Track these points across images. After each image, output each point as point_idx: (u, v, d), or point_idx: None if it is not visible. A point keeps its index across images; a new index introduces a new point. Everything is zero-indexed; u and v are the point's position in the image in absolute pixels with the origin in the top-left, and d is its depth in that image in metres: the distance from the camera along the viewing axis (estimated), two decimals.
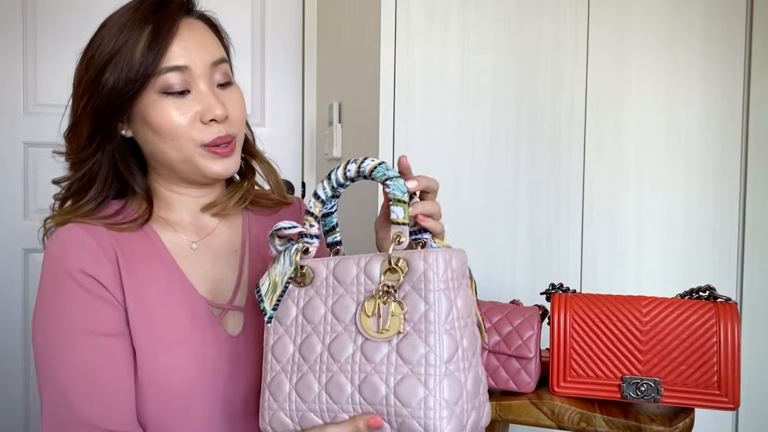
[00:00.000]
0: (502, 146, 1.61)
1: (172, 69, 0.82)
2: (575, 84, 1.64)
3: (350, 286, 0.73)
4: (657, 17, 1.67)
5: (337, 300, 0.73)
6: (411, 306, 0.70)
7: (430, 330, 0.69)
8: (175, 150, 0.85)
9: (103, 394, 0.79)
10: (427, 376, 0.69)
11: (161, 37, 0.81)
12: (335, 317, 0.73)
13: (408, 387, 0.70)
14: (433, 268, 0.69)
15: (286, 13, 2.21)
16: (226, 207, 0.92)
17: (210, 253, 0.91)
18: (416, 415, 0.69)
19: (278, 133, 2.23)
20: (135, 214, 0.89)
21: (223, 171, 0.86)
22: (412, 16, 1.52)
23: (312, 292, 0.75)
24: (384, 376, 0.70)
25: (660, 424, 0.94)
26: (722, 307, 0.97)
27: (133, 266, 0.85)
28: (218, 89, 0.86)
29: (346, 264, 0.73)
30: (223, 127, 0.85)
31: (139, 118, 0.85)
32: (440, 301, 0.69)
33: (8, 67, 2.10)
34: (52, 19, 2.08)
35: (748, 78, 1.70)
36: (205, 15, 0.90)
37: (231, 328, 0.88)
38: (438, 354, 0.69)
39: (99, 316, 0.81)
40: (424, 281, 0.69)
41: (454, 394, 0.70)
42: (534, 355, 1.00)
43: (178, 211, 0.91)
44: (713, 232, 1.71)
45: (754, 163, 1.70)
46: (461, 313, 0.72)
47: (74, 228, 0.84)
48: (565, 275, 1.65)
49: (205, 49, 0.85)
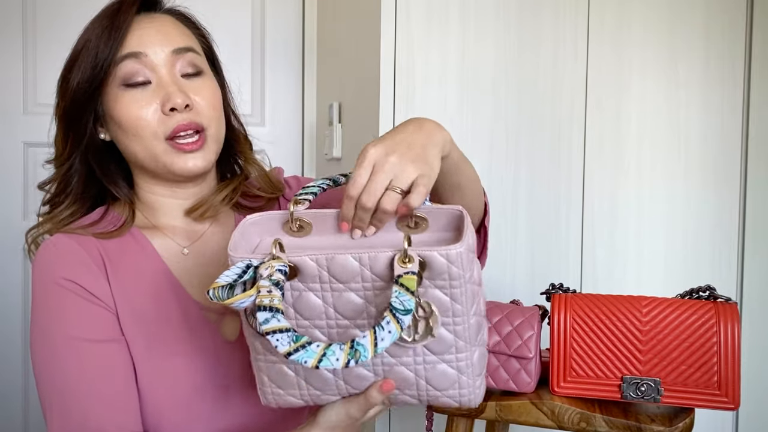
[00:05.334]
0: (502, 146, 1.61)
1: (127, 56, 0.81)
2: (575, 84, 1.64)
3: (352, 284, 0.65)
4: (657, 17, 1.67)
5: (338, 297, 0.66)
6: (434, 302, 0.64)
7: (458, 322, 0.65)
8: (140, 146, 0.82)
9: (108, 400, 0.78)
10: (458, 362, 0.66)
11: (115, 30, 0.81)
12: (340, 313, 0.66)
13: (439, 374, 0.67)
14: (457, 263, 0.62)
15: (286, 13, 2.21)
16: (212, 207, 0.88)
17: (203, 258, 0.88)
18: (450, 395, 0.68)
19: (278, 133, 2.23)
20: (119, 220, 0.86)
21: (192, 166, 0.83)
22: (412, 16, 1.52)
23: (301, 286, 0.66)
24: (412, 367, 0.67)
25: (660, 424, 0.94)
26: (722, 307, 0.97)
27: (123, 274, 0.83)
28: (183, 79, 0.83)
29: (344, 261, 0.64)
30: (187, 116, 0.81)
31: (108, 118, 0.84)
32: (466, 293, 0.64)
33: (8, 67, 2.09)
34: (52, 19, 2.08)
35: (748, 77, 1.70)
36: (173, 9, 0.88)
37: (228, 333, 0.87)
38: (467, 340, 0.66)
39: (94, 323, 0.80)
40: (449, 279, 0.63)
41: (482, 363, 0.69)
42: (534, 355, 1.00)
43: (167, 215, 0.89)
44: (713, 232, 1.71)
45: (754, 163, 1.70)
46: (479, 281, 0.67)
47: (61, 237, 0.83)
48: (565, 275, 1.65)
49: (165, 37, 0.83)
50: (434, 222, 0.70)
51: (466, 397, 0.68)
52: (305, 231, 0.72)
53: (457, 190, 0.84)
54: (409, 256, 0.61)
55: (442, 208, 0.70)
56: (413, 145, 0.68)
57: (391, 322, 0.58)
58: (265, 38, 2.20)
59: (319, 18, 2.17)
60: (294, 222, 0.71)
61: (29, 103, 2.12)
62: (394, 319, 0.58)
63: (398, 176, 0.66)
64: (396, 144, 0.68)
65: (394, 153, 0.67)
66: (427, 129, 0.72)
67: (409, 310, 0.58)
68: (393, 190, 0.66)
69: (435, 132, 0.72)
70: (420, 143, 0.69)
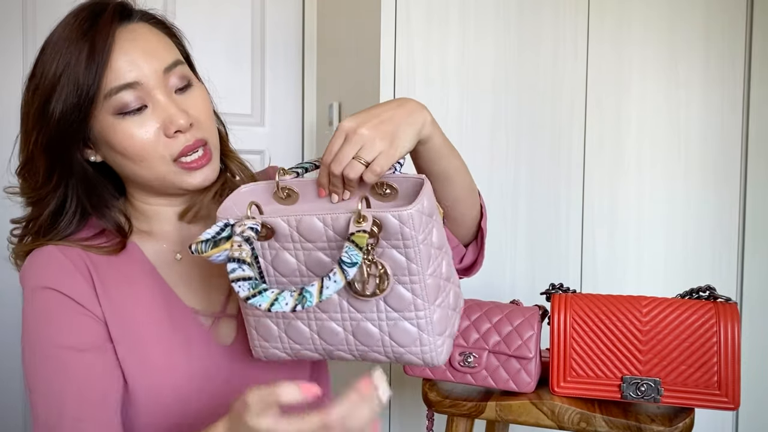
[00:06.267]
0: (502, 146, 1.61)
1: (122, 88, 0.77)
2: (575, 84, 1.64)
3: (319, 243, 0.70)
4: (657, 16, 1.67)
5: (308, 255, 0.72)
6: (391, 261, 0.69)
7: (414, 281, 0.69)
8: (147, 170, 0.80)
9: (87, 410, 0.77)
10: (418, 319, 0.71)
11: (98, 55, 0.75)
12: (311, 270, 0.72)
13: (401, 330, 0.72)
14: (409, 224, 0.67)
15: (286, 13, 2.21)
16: (203, 207, 0.87)
17: (197, 262, 0.87)
18: (413, 352, 0.73)
19: (278, 133, 2.23)
20: (115, 238, 0.85)
21: (202, 181, 0.82)
22: (412, 16, 1.52)
23: (277, 245, 0.72)
24: (376, 323, 0.72)
25: (660, 424, 0.94)
26: (722, 307, 0.97)
27: (111, 281, 0.82)
28: (177, 95, 0.81)
29: (310, 221, 0.70)
30: (191, 134, 0.80)
31: (102, 144, 0.81)
32: (420, 253, 0.68)
33: (8, 67, 2.10)
34: (52, 19, 2.08)
35: (748, 77, 1.70)
36: (147, 14, 0.84)
37: (224, 337, 0.86)
38: (425, 299, 0.70)
39: (78, 331, 0.79)
40: (402, 240, 0.67)
41: (443, 323, 0.73)
42: (534, 355, 1.00)
43: (158, 222, 0.88)
44: (713, 232, 1.71)
45: (754, 163, 1.70)
46: (438, 244, 0.71)
47: (47, 249, 0.82)
48: (565, 275, 1.65)
49: (153, 57, 0.79)
50: (404, 191, 0.76)
51: (428, 354, 0.72)
52: (292, 199, 0.78)
53: (445, 179, 0.85)
54: (363, 216, 0.66)
55: (408, 177, 0.75)
56: (387, 121, 0.74)
57: (337, 273, 0.64)
58: (265, 38, 2.20)
59: (319, 18, 2.17)
60: (282, 190, 0.78)
61: None
62: (340, 270, 0.64)
63: (365, 148, 0.72)
64: (371, 117, 0.73)
65: (365, 125, 0.72)
66: (408, 108, 0.76)
67: (355, 263, 0.64)
68: (357, 161, 0.72)
69: (415, 111, 0.77)
70: (395, 121, 0.74)
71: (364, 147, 0.72)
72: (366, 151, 0.72)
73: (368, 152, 0.72)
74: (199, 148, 0.81)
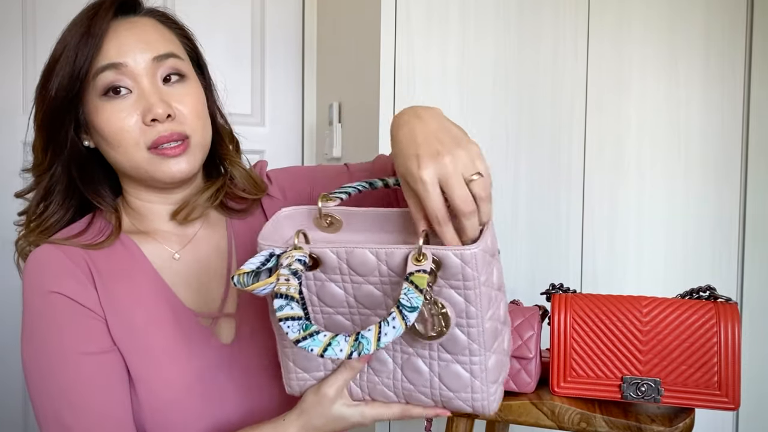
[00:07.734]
0: (502, 146, 1.61)
1: (106, 67, 0.78)
2: (575, 84, 1.64)
3: (371, 278, 0.66)
4: (657, 15, 1.67)
5: (357, 288, 0.67)
6: (449, 302, 0.64)
7: (471, 324, 0.65)
8: (123, 157, 0.81)
9: (103, 412, 0.77)
10: (472, 365, 0.66)
11: (91, 37, 0.78)
12: (360, 303, 0.68)
13: (452, 373, 0.67)
14: (471, 264, 0.61)
15: (286, 13, 2.20)
16: (196, 208, 0.87)
17: (195, 262, 0.87)
18: (463, 398, 0.69)
19: (278, 133, 2.23)
20: (106, 228, 0.85)
21: (176, 171, 0.81)
22: (412, 16, 1.52)
23: (323, 276, 0.67)
24: (427, 361, 0.68)
25: (660, 424, 0.94)
26: (722, 307, 0.97)
27: (112, 282, 0.82)
28: (165, 86, 0.81)
29: (362, 255, 0.65)
30: (168, 125, 0.79)
31: (91, 127, 0.82)
32: (481, 296, 0.63)
33: (8, 66, 2.09)
34: (51, 19, 2.08)
35: (748, 77, 1.70)
36: (155, 11, 0.85)
37: (224, 337, 0.85)
38: (481, 344, 0.66)
39: (86, 334, 0.79)
40: (463, 280, 0.62)
41: (497, 370, 0.69)
42: (534, 356, 1.00)
43: (155, 221, 0.88)
44: (713, 232, 1.71)
45: (754, 163, 1.70)
46: (497, 285, 0.67)
47: (47, 249, 0.82)
48: (565, 275, 1.65)
49: (146, 44, 0.80)
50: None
51: (479, 402, 0.68)
52: (335, 227, 0.74)
53: None
54: (423, 254, 0.61)
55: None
56: (438, 135, 0.65)
57: (396, 318, 0.59)
58: (265, 38, 2.20)
59: (319, 18, 2.17)
60: (324, 218, 0.73)
61: (29, 103, 2.11)
62: (399, 315, 0.59)
63: (465, 166, 0.63)
64: (430, 145, 0.64)
65: (440, 155, 0.63)
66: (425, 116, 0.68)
67: (415, 308, 0.59)
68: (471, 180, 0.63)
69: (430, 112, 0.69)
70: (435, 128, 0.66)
71: (464, 166, 0.63)
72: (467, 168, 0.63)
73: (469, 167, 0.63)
74: (175, 141, 0.80)
